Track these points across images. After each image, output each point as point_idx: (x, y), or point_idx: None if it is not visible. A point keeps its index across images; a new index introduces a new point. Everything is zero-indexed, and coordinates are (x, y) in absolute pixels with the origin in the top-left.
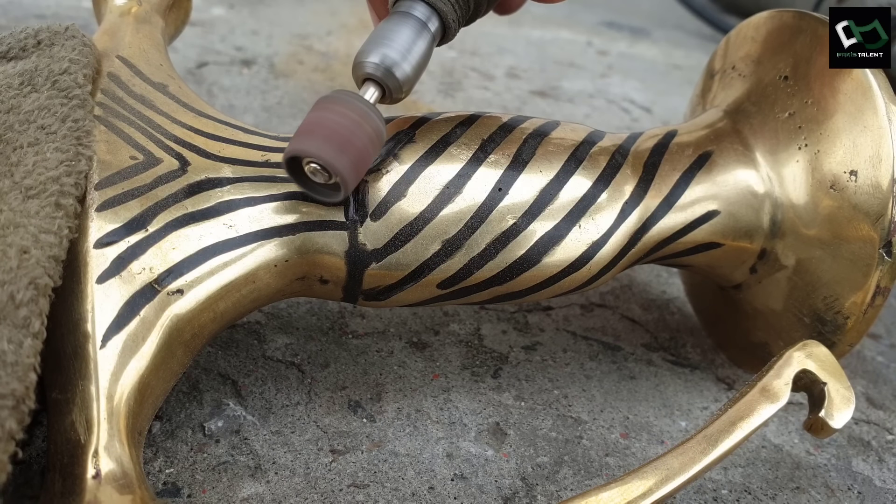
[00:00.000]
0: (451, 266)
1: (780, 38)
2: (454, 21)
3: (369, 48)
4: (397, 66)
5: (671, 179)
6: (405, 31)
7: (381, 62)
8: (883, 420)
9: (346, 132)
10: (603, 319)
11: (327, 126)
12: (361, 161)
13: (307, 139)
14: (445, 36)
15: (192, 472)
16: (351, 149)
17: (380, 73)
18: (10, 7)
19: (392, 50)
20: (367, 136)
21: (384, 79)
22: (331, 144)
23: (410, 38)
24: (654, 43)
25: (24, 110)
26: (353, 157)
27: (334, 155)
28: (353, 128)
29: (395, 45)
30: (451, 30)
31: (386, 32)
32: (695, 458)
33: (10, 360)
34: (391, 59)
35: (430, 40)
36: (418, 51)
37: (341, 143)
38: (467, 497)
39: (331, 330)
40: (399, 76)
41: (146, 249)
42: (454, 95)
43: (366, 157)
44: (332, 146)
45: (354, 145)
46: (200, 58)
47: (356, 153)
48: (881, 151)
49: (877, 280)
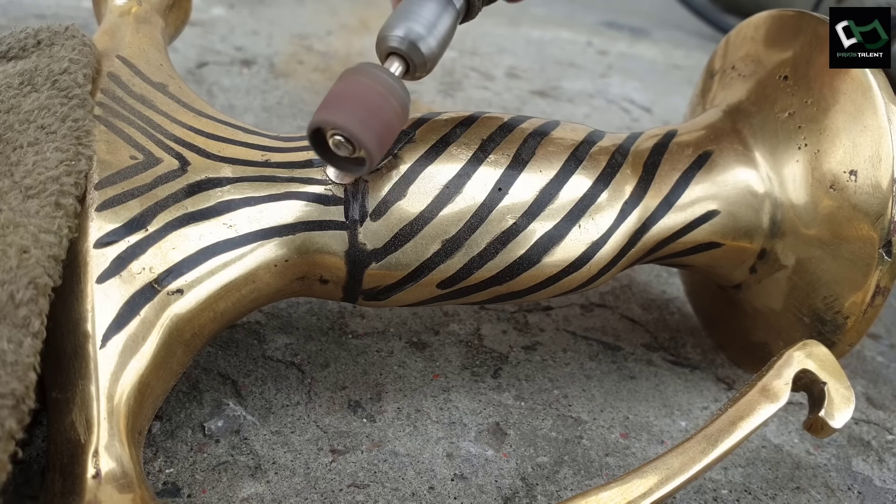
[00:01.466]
0: (450, 266)
1: (780, 37)
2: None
3: (394, 22)
4: (423, 41)
5: (671, 179)
6: (431, 5)
7: (406, 35)
8: (883, 420)
9: (372, 105)
10: (603, 319)
11: (353, 98)
12: (387, 135)
13: (333, 110)
14: (469, 13)
15: (192, 472)
16: (377, 122)
17: (405, 46)
18: (10, 7)
19: (417, 24)
20: (393, 109)
21: (409, 53)
22: (357, 116)
23: (436, 13)
24: (654, 43)
25: (24, 110)
26: (379, 131)
27: (361, 127)
28: (380, 101)
29: (421, 19)
30: (474, 7)
31: (411, 6)
32: (695, 458)
33: (10, 360)
34: (416, 33)
35: (454, 16)
36: (443, 26)
37: (367, 115)
38: (467, 497)
39: (331, 330)
40: (424, 50)
41: (146, 249)
42: (454, 95)
43: (391, 131)
44: (358, 118)
45: (380, 118)
46: (200, 58)
47: (382, 126)
48: (881, 151)
49: (876, 280)
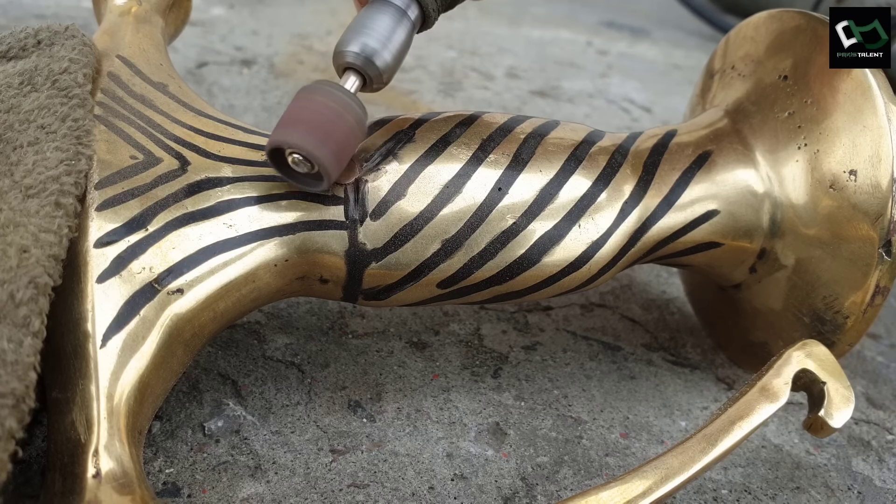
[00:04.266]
0: (450, 265)
1: (779, 37)
2: (434, 9)
3: (349, 37)
4: (377, 55)
5: (671, 179)
6: (385, 19)
7: (361, 51)
8: (883, 420)
9: (327, 123)
10: (603, 319)
11: (308, 117)
12: (343, 151)
13: (289, 130)
14: (425, 23)
15: (192, 472)
16: (332, 139)
17: (360, 62)
18: (10, 7)
19: (372, 39)
20: (349, 125)
21: (364, 67)
22: (312, 135)
23: (390, 27)
24: (654, 43)
25: (24, 110)
26: (335, 147)
27: (316, 145)
28: (334, 118)
29: (375, 33)
30: (430, 17)
31: (366, 21)
32: (694, 458)
33: (10, 359)
34: (371, 48)
35: (409, 28)
36: (398, 39)
37: (323, 133)
38: (467, 497)
39: (331, 330)
40: (379, 65)
41: (146, 249)
42: (454, 95)
43: (347, 146)
44: (313, 137)
45: (336, 135)
46: (200, 58)
47: (337, 143)
48: (880, 151)
49: (876, 279)
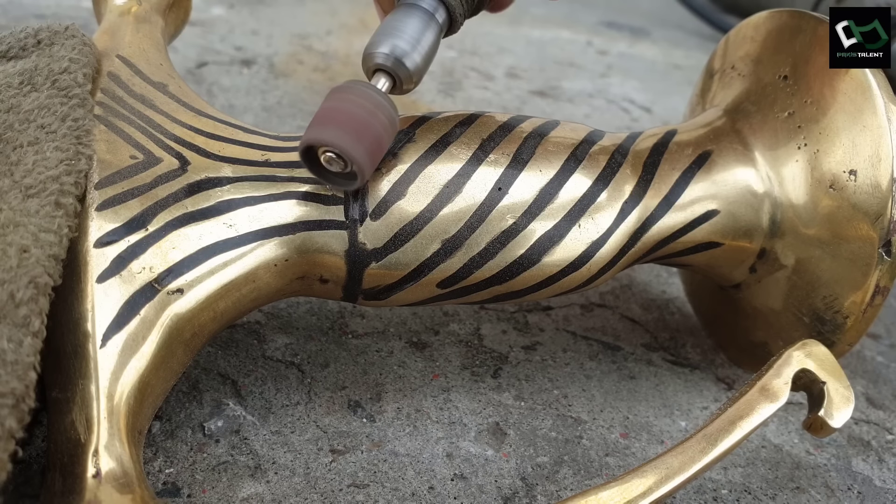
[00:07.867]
0: (450, 265)
1: (779, 37)
2: (461, 14)
3: (379, 39)
4: (407, 56)
5: (671, 179)
6: (414, 22)
7: (391, 52)
8: (883, 420)
9: (361, 121)
10: (603, 319)
11: (343, 115)
12: (377, 150)
13: (324, 128)
14: (451, 28)
15: (192, 471)
16: (367, 137)
17: (390, 63)
18: (10, 7)
19: (402, 41)
20: (382, 124)
21: (394, 69)
22: (347, 133)
23: (419, 29)
24: (654, 43)
25: (24, 109)
26: (369, 146)
27: (351, 143)
28: (369, 117)
29: (405, 35)
30: (457, 22)
31: (395, 24)
32: (694, 458)
33: (10, 359)
34: (401, 50)
35: (437, 31)
36: (427, 41)
37: (357, 131)
38: (467, 497)
39: (331, 330)
40: (409, 66)
41: (146, 249)
42: (454, 95)
43: (381, 145)
44: (348, 135)
45: (370, 134)
46: (200, 58)
47: (372, 142)
48: (880, 151)
49: (876, 279)
